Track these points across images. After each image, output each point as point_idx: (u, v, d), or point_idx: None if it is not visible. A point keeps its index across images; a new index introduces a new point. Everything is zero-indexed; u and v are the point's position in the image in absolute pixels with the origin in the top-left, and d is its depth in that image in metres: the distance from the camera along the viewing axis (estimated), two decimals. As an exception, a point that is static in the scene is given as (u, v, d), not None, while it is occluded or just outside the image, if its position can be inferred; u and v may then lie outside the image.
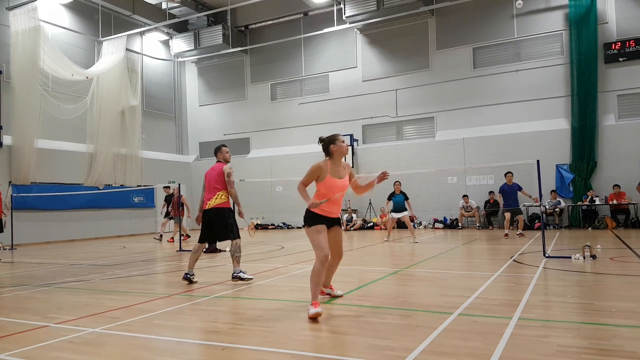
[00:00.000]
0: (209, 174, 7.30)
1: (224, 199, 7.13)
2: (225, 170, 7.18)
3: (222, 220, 7.08)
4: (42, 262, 11.15)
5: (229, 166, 7.26)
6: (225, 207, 7.15)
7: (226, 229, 7.09)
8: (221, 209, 7.10)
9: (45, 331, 4.56)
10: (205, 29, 22.82)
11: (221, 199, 7.11)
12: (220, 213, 7.09)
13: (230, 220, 7.13)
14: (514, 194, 13.73)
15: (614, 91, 17.08)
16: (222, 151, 7.42)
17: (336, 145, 5.13)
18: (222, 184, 7.14)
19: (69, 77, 18.08)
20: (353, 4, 19.55)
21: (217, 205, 7.08)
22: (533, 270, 7.36)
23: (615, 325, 4.20)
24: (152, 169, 21.74)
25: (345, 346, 3.89)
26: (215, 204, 7.07)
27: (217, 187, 7.13)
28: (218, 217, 7.07)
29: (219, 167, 7.24)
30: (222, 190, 7.13)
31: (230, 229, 7.09)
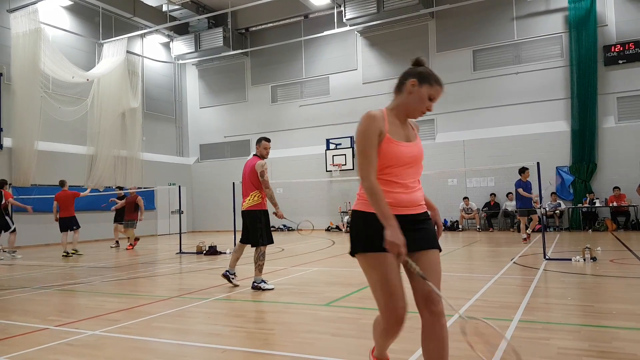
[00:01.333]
0: (244, 170, 6.75)
1: (257, 200, 6.55)
2: (257, 168, 6.51)
3: (253, 224, 6.55)
4: (42, 264, 11.15)
5: (261, 163, 6.56)
6: (258, 210, 6.55)
7: (255, 234, 6.55)
8: (253, 212, 6.54)
9: (45, 334, 4.56)
10: (206, 32, 22.84)
11: (254, 200, 6.54)
12: (252, 216, 6.54)
13: (261, 224, 6.57)
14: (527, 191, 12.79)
15: (613, 93, 17.08)
16: (261, 144, 6.76)
17: (421, 84, 2.83)
18: (256, 182, 6.55)
19: (69, 79, 18.09)
20: (353, 6, 19.57)
21: (250, 207, 6.54)
22: (533, 272, 7.36)
23: (616, 328, 4.19)
24: (152, 171, 21.73)
25: (345, 349, 3.88)
26: (248, 206, 6.55)
27: (251, 186, 6.57)
28: (250, 221, 6.57)
29: (253, 163, 6.61)
30: (256, 189, 6.55)
31: (260, 234, 6.55)
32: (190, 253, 12.35)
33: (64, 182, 13.24)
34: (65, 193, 13.07)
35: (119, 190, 15.66)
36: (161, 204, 22.43)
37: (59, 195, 13.06)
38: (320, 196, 21.15)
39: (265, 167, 6.53)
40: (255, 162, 6.58)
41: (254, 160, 6.62)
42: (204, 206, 23.98)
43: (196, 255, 11.99)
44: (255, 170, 6.51)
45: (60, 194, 13.05)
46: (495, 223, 18.28)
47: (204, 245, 12.19)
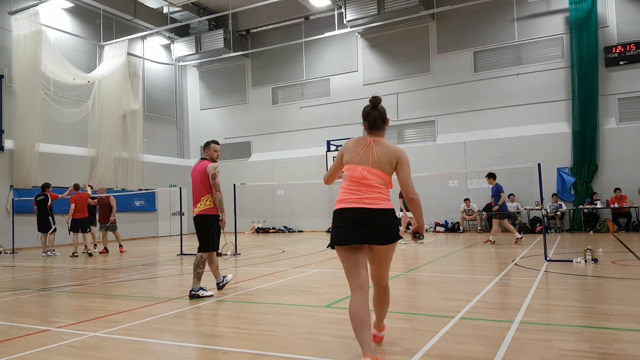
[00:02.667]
0: (193, 175, 6.46)
1: (210, 204, 6.30)
2: (209, 170, 6.28)
3: (205, 228, 6.31)
4: (43, 266, 11.15)
5: (213, 166, 6.34)
6: (211, 215, 6.31)
7: (206, 239, 6.30)
8: (206, 216, 6.29)
9: (46, 335, 4.56)
10: (207, 33, 22.86)
11: (206, 205, 6.29)
12: (205, 220, 6.29)
13: (213, 229, 6.33)
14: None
15: (614, 94, 17.08)
16: (210, 148, 6.55)
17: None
18: (208, 186, 6.30)
19: (70, 81, 18.12)
20: (354, 8, 19.58)
21: (202, 212, 6.28)
22: (534, 273, 7.35)
23: (617, 329, 4.19)
24: (153, 173, 21.76)
25: (346, 350, 3.88)
26: (200, 210, 6.28)
27: (203, 190, 6.31)
28: (202, 225, 6.32)
29: (204, 167, 6.36)
30: (208, 194, 6.30)
31: (211, 239, 6.32)
32: (191, 254, 12.35)
33: (78, 185, 13.86)
34: (81, 195, 13.64)
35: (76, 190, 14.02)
36: (162, 206, 22.44)
37: (75, 198, 13.53)
38: (321, 198, 21.14)
39: (217, 169, 6.33)
40: (206, 165, 6.35)
41: (205, 164, 6.38)
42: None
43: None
44: (207, 172, 6.28)
45: (76, 196, 13.56)
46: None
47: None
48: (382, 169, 3.42)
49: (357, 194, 3.37)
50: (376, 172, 3.41)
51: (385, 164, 3.43)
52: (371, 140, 3.51)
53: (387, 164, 3.44)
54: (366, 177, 3.39)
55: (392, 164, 3.45)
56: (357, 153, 3.48)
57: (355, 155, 3.48)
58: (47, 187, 13.97)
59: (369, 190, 3.37)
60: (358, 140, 3.57)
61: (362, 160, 3.45)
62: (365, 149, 3.47)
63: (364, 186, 3.38)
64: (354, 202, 3.36)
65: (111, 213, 13.98)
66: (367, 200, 3.34)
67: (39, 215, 13.70)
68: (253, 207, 22.18)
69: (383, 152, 3.45)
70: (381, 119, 3.57)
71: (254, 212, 22.27)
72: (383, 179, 3.43)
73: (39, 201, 13.75)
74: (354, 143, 3.57)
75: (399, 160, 3.47)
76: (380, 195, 3.38)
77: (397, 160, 3.47)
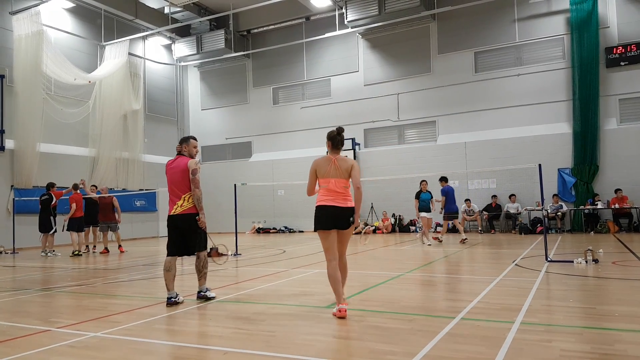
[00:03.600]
0: (171, 170, 6.07)
1: (192, 202, 5.96)
2: (190, 166, 5.94)
3: (194, 229, 5.97)
4: (43, 266, 11.16)
5: (195, 161, 6.02)
6: (194, 213, 5.99)
7: (194, 240, 6.02)
8: (189, 215, 5.94)
9: (46, 335, 4.56)
10: (208, 34, 22.87)
11: (190, 203, 5.95)
12: (189, 220, 5.94)
13: (200, 228, 6.03)
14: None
15: (615, 95, 17.06)
16: (190, 143, 6.19)
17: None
18: (188, 183, 5.96)
19: (71, 81, 18.14)
20: (355, 8, 19.59)
21: (185, 211, 5.93)
22: (535, 274, 7.34)
23: (618, 330, 4.18)
24: (154, 173, 21.76)
25: (347, 351, 3.88)
26: (183, 210, 5.93)
27: (183, 188, 5.96)
28: (186, 225, 5.96)
29: (183, 163, 6.00)
30: (189, 191, 5.96)
31: (200, 239, 6.07)
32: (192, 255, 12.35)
33: (77, 185, 13.97)
34: (79, 195, 13.82)
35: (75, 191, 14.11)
36: (163, 206, 22.42)
37: (74, 197, 13.68)
38: (321, 198, 21.10)
39: (198, 165, 6.03)
40: (186, 161, 6.00)
41: (184, 160, 6.02)
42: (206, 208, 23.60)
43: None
44: (188, 168, 5.94)
45: (75, 196, 13.71)
46: (497, 225, 18.26)
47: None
48: (344, 177, 5.16)
49: (332, 197, 5.13)
50: (341, 181, 5.15)
51: (345, 172, 5.16)
52: (334, 158, 5.20)
53: (346, 171, 5.16)
54: (337, 186, 5.14)
55: (348, 170, 5.17)
56: (327, 170, 5.16)
57: (326, 172, 5.16)
58: (51, 187, 14.02)
59: (339, 195, 5.14)
60: (324, 159, 5.22)
61: (332, 174, 5.15)
62: (332, 165, 5.17)
63: (336, 193, 5.14)
64: (331, 202, 5.12)
65: (116, 213, 14.06)
66: (339, 202, 5.12)
67: (41, 215, 13.72)
68: (254, 208, 22.17)
69: (342, 165, 5.18)
70: (341, 142, 5.30)
71: (254, 212, 22.26)
72: (346, 184, 5.16)
73: (43, 200, 13.78)
74: (322, 162, 5.22)
75: (352, 166, 5.18)
76: (346, 198, 5.16)
77: (351, 167, 5.18)
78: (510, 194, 17.90)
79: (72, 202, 13.58)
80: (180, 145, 6.20)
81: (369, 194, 20.61)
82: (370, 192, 20.51)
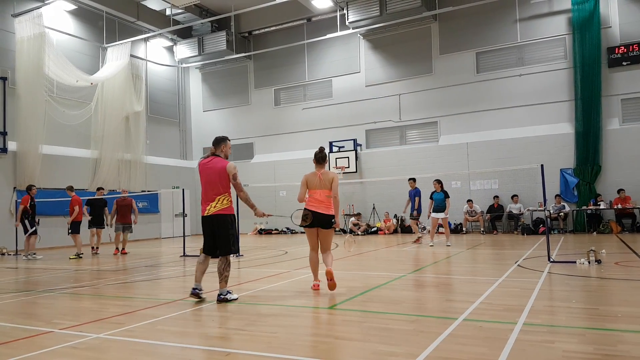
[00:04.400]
0: (206, 172, 6.07)
1: (226, 203, 5.98)
2: (229, 170, 5.97)
3: (225, 230, 5.97)
4: (46, 267, 11.17)
5: (233, 165, 6.03)
6: (229, 214, 6.01)
7: (228, 242, 5.99)
8: (224, 216, 5.97)
9: (49, 337, 4.56)
10: (209, 35, 22.91)
11: (223, 204, 5.97)
12: (224, 221, 5.97)
13: (233, 230, 6.02)
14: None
15: (617, 95, 17.03)
16: (226, 144, 6.30)
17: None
18: (226, 185, 6.01)
19: (73, 83, 18.16)
20: (356, 9, 19.60)
21: (220, 212, 5.96)
22: (537, 275, 7.33)
23: (621, 331, 4.17)
24: (156, 175, 21.78)
25: (349, 352, 3.88)
26: (217, 210, 5.95)
27: (219, 189, 5.97)
28: (220, 227, 5.97)
29: (220, 165, 6.02)
30: (225, 193, 5.99)
31: (233, 241, 6.04)
32: (194, 256, 12.37)
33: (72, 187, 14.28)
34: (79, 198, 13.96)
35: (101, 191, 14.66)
36: (165, 207, 22.46)
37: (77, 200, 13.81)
38: (323, 199, 21.11)
39: (237, 169, 6.07)
40: (224, 163, 6.01)
41: (221, 162, 6.04)
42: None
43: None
44: (227, 172, 5.96)
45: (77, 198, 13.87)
46: (499, 225, 18.23)
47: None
48: (327, 188, 6.49)
49: (316, 205, 6.48)
50: (325, 191, 6.49)
51: (328, 183, 6.48)
52: (319, 173, 6.55)
53: (328, 182, 6.49)
54: (321, 197, 6.49)
55: (329, 182, 6.48)
56: (315, 183, 6.52)
57: (314, 184, 6.53)
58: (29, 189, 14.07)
59: (322, 204, 6.48)
60: (313, 174, 6.59)
61: (318, 186, 6.51)
62: (318, 179, 6.53)
63: (319, 202, 6.48)
64: (316, 208, 6.46)
65: (133, 214, 14.20)
66: (322, 208, 6.46)
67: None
68: (255, 209, 22.15)
69: (326, 178, 6.51)
70: (322, 158, 6.68)
71: (256, 213, 22.24)
72: (328, 194, 6.50)
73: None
74: (311, 176, 6.60)
75: (333, 179, 6.50)
76: (328, 206, 6.50)
77: (332, 179, 6.50)
78: (512, 194, 17.87)
79: (75, 205, 13.62)
80: (214, 147, 6.23)
81: (370, 194, 20.62)
82: (372, 193, 20.53)
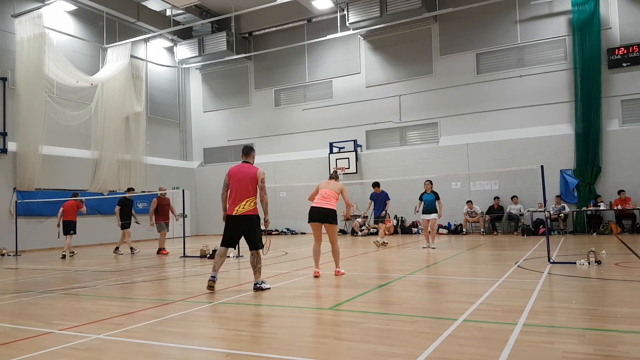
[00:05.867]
0: (238, 175, 6.87)
1: (253, 205, 6.77)
2: (259, 175, 6.84)
3: (252, 228, 6.77)
4: (46, 268, 11.17)
5: (263, 171, 6.94)
6: (255, 215, 6.81)
7: (255, 238, 6.78)
8: (251, 217, 6.77)
9: (49, 338, 4.56)
10: (210, 36, 22.93)
11: (250, 206, 6.74)
12: (251, 221, 6.77)
13: (259, 228, 6.86)
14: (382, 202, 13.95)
15: (617, 96, 17.04)
16: (253, 154, 7.23)
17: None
18: (255, 189, 6.80)
19: (73, 84, 18.17)
20: (356, 10, 19.62)
21: (247, 212, 6.73)
22: (537, 276, 7.33)
23: (621, 331, 4.17)
24: (156, 175, 21.78)
25: (349, 352, 3.87)
26: (245, 211, 6.72)
27: (249, 192, 6.76)
28: (248, 225, 6.76)
29: (252, 171, 6.87)
30: (253, 196, 6.77)
31: (259, 238, 6.83)
32: (194, 257, 12.38)
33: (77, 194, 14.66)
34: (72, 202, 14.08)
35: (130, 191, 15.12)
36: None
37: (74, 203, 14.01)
38: (323, 200, 21.11)
39: (265, 174, 7.00)
40: (255, 170, 6.88)
41: (253, 168, 6.92)
42: (208, 210, 23.98)
43: (200, 258, 12.02)
44: (257, 177, 6.82)
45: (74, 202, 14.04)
46: (499, 226, 18.23)
47: (207, 249, 12.20)
48: (334, 191, 8.04)
49: (322, 202, 7.93)
50: (331, 192, 8.02)
51: (337, 189, 8.10)
52: (331, 182, 8.25)
53: (338, 189, 8.10)
54: (329, 195, 7.98)
55: (338, 190, 8.09)
56: (324, 186, 8.14)
57: (324, 187, 8.12)
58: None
59: (326, 200, 7.93)
60: (326, 182, 8.27)
61: (329, 187, 8.09)
62: (328, 184, 8.18)
63: (325, 199, 7.94)
64: (321, 205, 7.90)
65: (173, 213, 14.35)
66: (326, 205, 7.88)
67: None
68: (256, 209, 22.15)
69: (334, 186, 8.13)
70: (336, 177, 8.48)
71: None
72: (335, 195, 8.03)
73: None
74: (325, 183, 8.25)
75: (341, 189, 8.14)
76: (333, 203, 7.94)
77: (340, 189, 8.13)
78: (512, 195, 17.88)
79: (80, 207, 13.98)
80: (244, 155, 7.17)
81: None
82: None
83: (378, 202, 13.91)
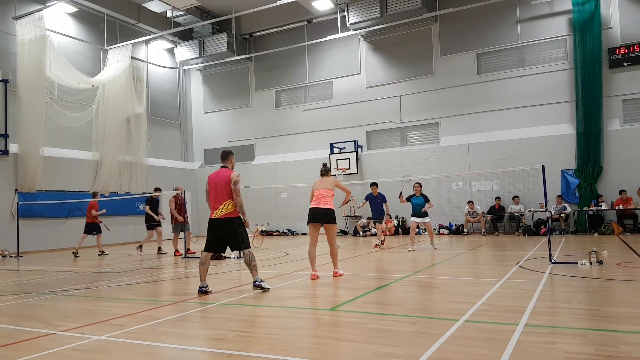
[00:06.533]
0: (215, 180, 6.99)
1: (231, 208, 6.83)
2: (232, 177, 6.87)
3: (233, 230, 6.81)
4: (47, 269, 11.18)
5: (237, 174, 6.96)
6: (234, 217, 6.85)
7: (237, 239, 6.83)
8: (230, 219, 6.82)
9: (50, 339, 4.57)
10: (210, 37, 22.95)
11: (228, 209, 6.81)
12: (230, 222, 6.81)
13: (240, 229, 6.85)
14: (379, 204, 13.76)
15: (618, 96, 17.03)
16: (233, 157, 7.31)
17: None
18: (228, 192, 6.87)
19: (74, 86, 18.19)
20: (356, 11, 19.62)
21: (226, 215, 6.80)
22: (539, 276, 7.32)
23: (623, 332, 4.17)
24: (157, 176, 21.77)
25: (350, 353, 3.87)
26: (224, 214, 6.80)
27: (225, 196, 6.85)
28: (229, 227, 6.81)
29: (226, 174, 6.93)
30: (229, 199, 6.84)
31: (242, 239, 6.84)
32: (195, 258, 12.38)
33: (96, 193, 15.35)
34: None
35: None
36: (166, 209, 22.40)
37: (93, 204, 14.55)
38: (324, 200, 21.11)
39: (239, 177, 7.01)
40: (229, 173, 6.94)
41: (228, 172, 6.97)
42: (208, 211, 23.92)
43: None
44: (231, 179, 6.86)
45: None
46: (501, 227, 18.21)
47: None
48: (328, 189, 8.11)
49: (319, 202, 8.04)
50: (326, 191, 8.10)
51: (330, 185, 8.16)
52: (322, 179, 8.28)
53: (331, 184, 8.17)
54: (324, 194, 8.08)
55: (332, 186, 8.17)
56: (317, 186, 8.19)
57: (317, 187, 8.19)
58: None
59: (323, 200, 8.04)
60: (317, 181, 8.27)
61: (321, 187, 8.15)
62: (320, 183, 8.21)
63: (322, 198, 8.04)
64: (318, 205, 8.01)
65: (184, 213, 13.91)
66: (323, 204, 7.99)
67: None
68: (256, 210, 22.16)
69: (326, 183, 8.18)
70: (325, 172, 8.38)
71: (257, 215, 22.24)
72: (330, 193, 8.09)
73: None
74: (317, 182, 8.26)
75: (336, 183, 8.26)
76: (329, 202, 8.02)
77: (334, 184, 8.22)
78: (513, 195, 17.87)
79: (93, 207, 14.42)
80: (222, 160, 7.22)
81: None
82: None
83: (374, 204, 13.73)
